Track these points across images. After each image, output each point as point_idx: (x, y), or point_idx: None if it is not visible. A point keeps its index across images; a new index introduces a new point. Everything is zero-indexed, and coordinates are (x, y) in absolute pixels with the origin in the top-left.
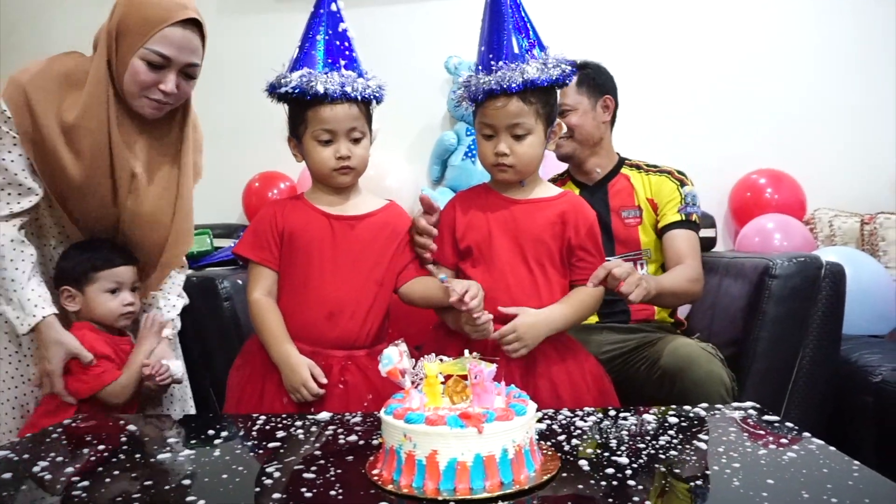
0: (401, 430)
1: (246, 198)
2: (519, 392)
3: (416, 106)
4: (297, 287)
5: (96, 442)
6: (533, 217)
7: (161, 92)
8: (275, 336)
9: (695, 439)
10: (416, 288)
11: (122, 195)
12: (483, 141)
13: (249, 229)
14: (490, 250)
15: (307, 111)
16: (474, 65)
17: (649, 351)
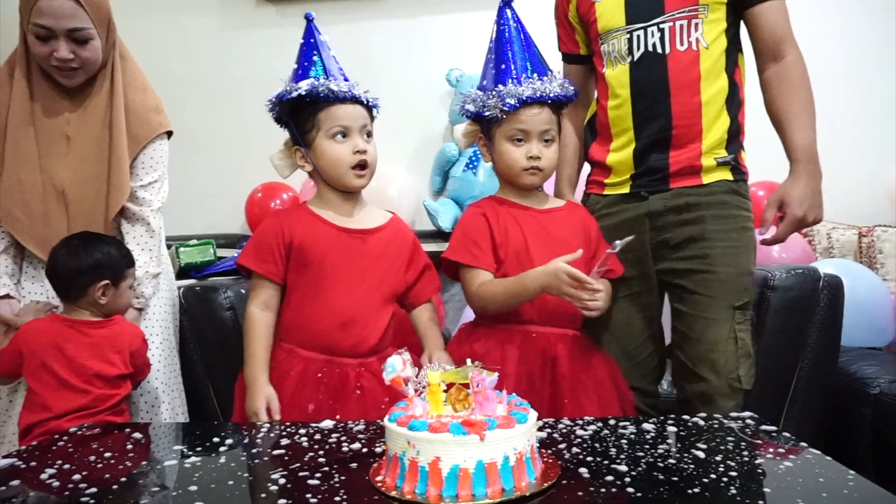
0: (404, 437)
1: (248, 208)
2: (520, 400)
3: (418, 117)
4: (308, 298)
5: (103, 449)
6: (560, 225)
7: (58, 59)
8: (255, 355)
9: (693, 448)
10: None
11: (53, 158)
12: (512, 147)
13: (253, 241)
14: (529, 259)
15: (319, 113)
16: (491, 78)
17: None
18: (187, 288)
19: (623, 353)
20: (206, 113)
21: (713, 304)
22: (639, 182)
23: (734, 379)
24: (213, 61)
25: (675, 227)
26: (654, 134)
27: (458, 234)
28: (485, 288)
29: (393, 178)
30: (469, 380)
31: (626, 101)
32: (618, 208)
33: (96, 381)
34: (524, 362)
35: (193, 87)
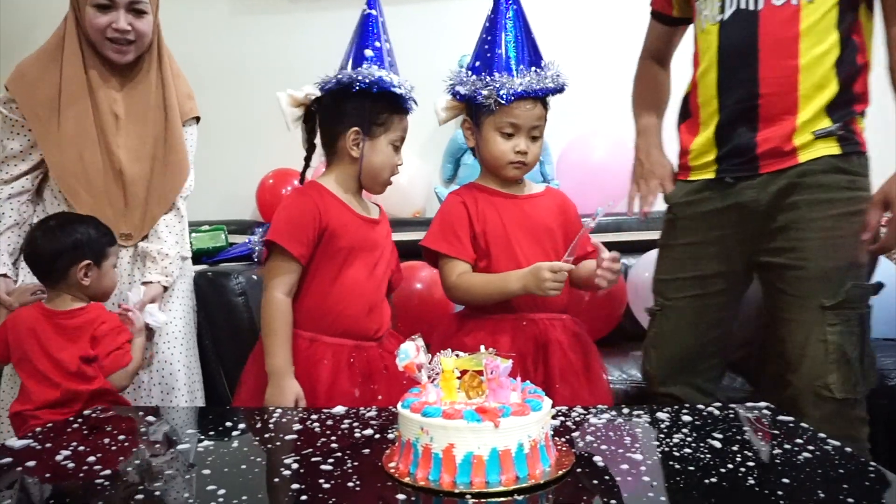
0: (418, 423)
1: (260, 195)
2: (534, 388)
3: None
4: (336, 284)
5: (117, 432)
6: (539, 210)
7: (115, 31)
8: (282, 346)
9: (709, 437)
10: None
11: (109, 137)
12: (500, 139)
13: (286, 219)
14: (509, 245)
15: (394, 115)
16: (485, 63)
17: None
18: (199, 273)
19: (682, 351)
20: (218, 99)
21: (799, 305)
22: (724, 165)
23: (821, 386)
24: (225, 47)
25: (766, 217)
26: (738, 105)
27: (438, 223)
28: (463, 280)
29: (405, 165)
30: (483, 367)
31: (712, 65)
32: (701, 196)
33: (68, 375)
34: (516, 349)
35: (206, 72)
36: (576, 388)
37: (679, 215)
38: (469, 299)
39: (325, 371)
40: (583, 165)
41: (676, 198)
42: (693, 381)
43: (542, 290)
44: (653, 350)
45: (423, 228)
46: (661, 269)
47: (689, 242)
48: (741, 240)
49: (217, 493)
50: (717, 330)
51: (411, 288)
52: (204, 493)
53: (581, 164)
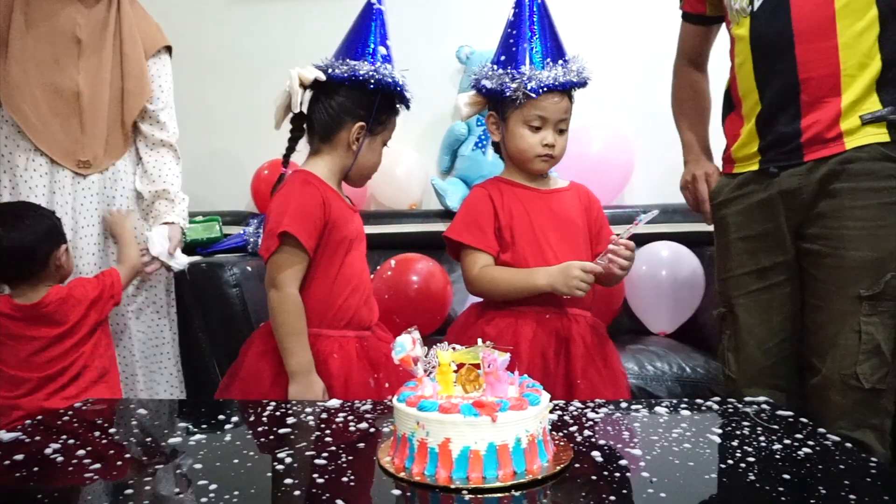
0: (414, 417)
1: (255, 185)
2: (532, 382)
3: (427, 95)
4: (340, 276)
5: (107, 425)
6: (564, 205)
7: None
8: (304, 344)
9: (708, 433)
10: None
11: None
12: (528, 133)
13: (296, 209)
14: (535, 239)
15: (392, 116)
16: (511, 57)
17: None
18: (193, 265)
19: (760, 351)
20: (214, 88)
21: (835, 295)
22: (768, 156)
23: (849, 375)
24: (221, 36)
25: (810, 205)
26: (779, 93)
27: (462, 214)
28: (486, 273)
29: (401, 156)
30: (480, 360)
31: (748, 57)
32: (747, 190)
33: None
34: (538, 343)
35: (201, 62)
36: (596, 384)
37: (728, 211)
38: (491, 292)
39: (335, 365)
40: (581, 158)
41: (723, 193)
42: (776, 381)
43: (570, 288)
44: (731, 354)
45: (419, 220)
46: (721, 268)
47: (743, 237)
48: (791, 227)
49: (209, 488)
50: (789, 323)
51: (407, 280)
52: (195, 488)
53: (579, 156)
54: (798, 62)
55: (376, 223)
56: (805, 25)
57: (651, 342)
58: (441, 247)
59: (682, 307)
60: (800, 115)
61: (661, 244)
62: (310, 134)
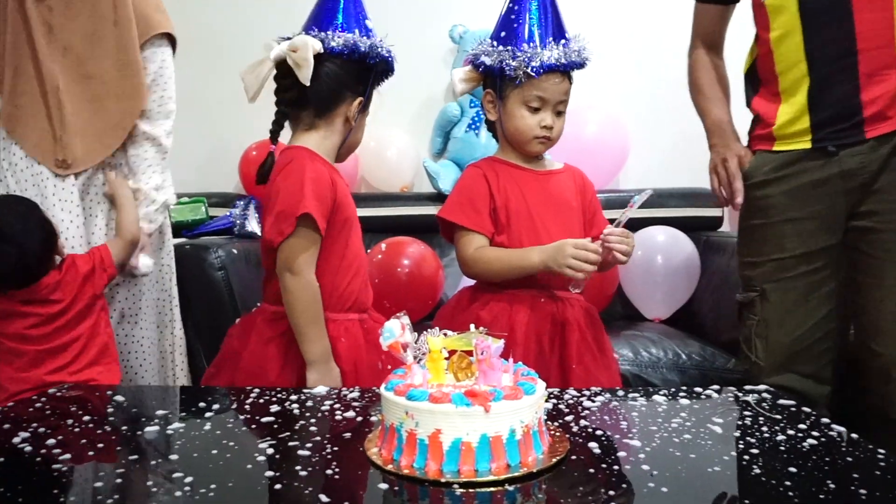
0: (402, 407)
1: (243, 167)
2: (527, 370)
3: (419, 76)
4: (345, 258)
5: (82, 413)
6: (560, 186)
7: None
8: (323, 332)
9: (708, 422)
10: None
11: (41, 49)
12: (527, 114)
13: (310, 188)
14: (531, 220)
15: (377, 85)
16: (512, 33)
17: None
18: (177, 246)
19: (791, 338)
20: (200, 67)
21: (887, 268)
22: (822, 133)
23: None
24: (209, 13)
25: (871, 184)
26: (834, 65)
27: (456, 195)
28: (481, 254)
29: (392, 138)
30: (473, 347)
31: (795, 27)
32: (796, 168)
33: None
34: (534, 327)
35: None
36: (591, 369)
37: (771, 191)
38: (486, 273)
39: (344, 349)
40: (575, 140)
41: (762, 173)
42: (806, 368)
43: (560, 266)
44: (759, 340)
45: (411, 203)
46: (752, 251)
47: (790, 219)
48: (847, 208)
49: (184, 482)
50: (826, 308)
51: (399, 264)
52: (169, 481)
53: (574, 138)
54: (857, 31)
55: (367, 206)
56: None
57: (646, 328)
58: (433, 230)
59: (678, 293)
60: (859, 88)
61: (657, 229)
62: (301, 108)
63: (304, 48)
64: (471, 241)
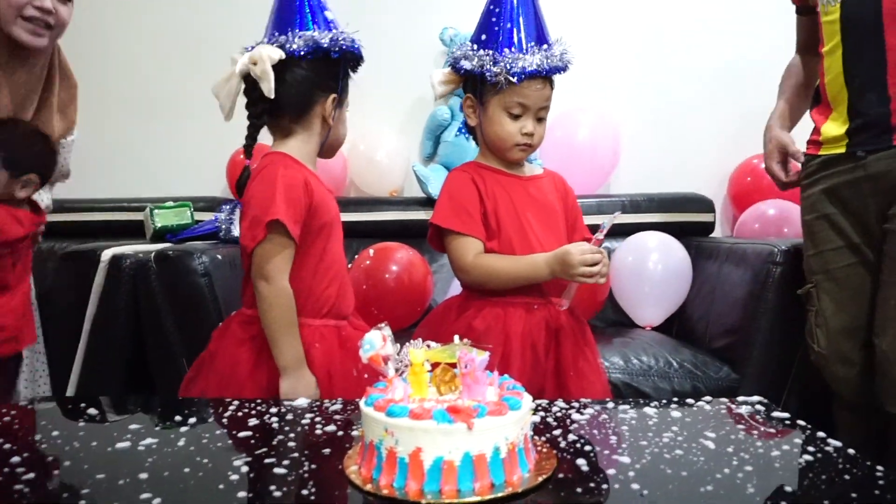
0: (382, 423)
1: (230, 171)
2: (513, 383)
3: (409, 79)
4: (321, 263)
5: (51, 427)
6: (543, 191)
7: (37, 9)
8: (295, 339)
9: (701, 437)
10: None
11: None
12: (508, 120)
13: (282, 194)
14: (521, 225)
15: (348, 80)
16: (493, 37)
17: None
18: (159, 252)
19: (852, 320)
20: (186, 69)
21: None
22: (856, 139)
23: None
24: (195, 16)
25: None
26: (866, 77)
27: (447, 200)
28: (483, 261)
29: (382, 141)
30: (456, 359)
31: (838, 43)
32: (832, 170)
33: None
34: (529, 335)
35: (173, 42)
36: (587, 373)
37: (814, 190)
38: (489, 282)
39: (318, 355)
40: (567, 143)
41: (808, 173)
42: (865, 359)
43: (572, 276)
44: (818, 330)
45: (400, 208)
46: (808, 245)
47: (827, 214)
48: (878, 209)
49: (151, 503)
50: (872, 303)
51: (387, 270)
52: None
53: (565, 141)
54: (887, 46)
55: (356, 210)
56: (895, 9)
57: (637, 335)
58: (423, 235)
59: (669, 299)
60: (888, 98)
61: (648, 234)
62: (276, 116)
63: (262, 61)
64: (467, 246)
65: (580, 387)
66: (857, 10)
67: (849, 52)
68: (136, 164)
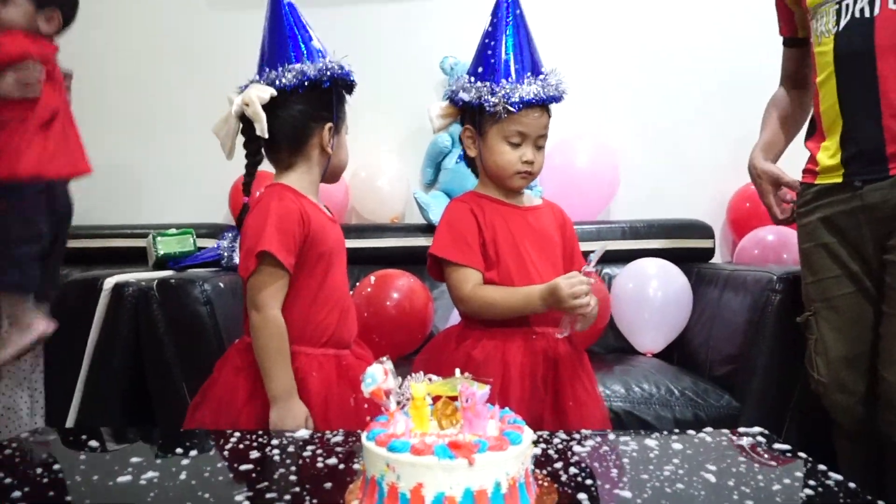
0: (383, 459)
1: (233, 197)
2: (514, 417)
3: (410, 106)
4: (320, 292)
5: (51, 461)
6: (542, 222)
7: None
8: (287, 368)
9: (702, 470)
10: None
11: None
12: (508, 149)
13: (275, 227)
14: (520, 256)
15: (344, 106)
16: (490, 69)
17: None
18: (161, 280)
19: (851, 349)
20: (191, 95)
21: None
22: (851, 169)
23: None
24: (200, 42)
25: (894, 219)
26: (861, 106)
27: (446, 230)
28: (481, 292)
29: (383, 168)
30: (457, 392)
31: (831, 74)
32: (829, 199)
33: None
34: (528, 366)
35: (180, 68)
36: (586, 402)
37: (812, 218)
38: (487, 313)
39: (314, 384)
40: (566, 171)
41: (805, 202)
42: (866, 388)
43: (566, 308)
44: (819, 359)
45: (401, 234)
46: (807, 274)
47: (826, 243)
48: (874, 239)
49: None
50: (873, 333)
51: (388, 297)
52: None
53: (564, 169)
54: (880, 76)
55: (357, 237)
56: (888, 42)
57: (638, 362)
58: (424, 261)
59: (670, 326)
60: (882, 129)
61: (648, 261)
62: (274, 151)
63: (252, 103)
64: (466, 277)
65: (579, 416)
66: (850, 41)
67: (842, 83)
68: (138, 190)
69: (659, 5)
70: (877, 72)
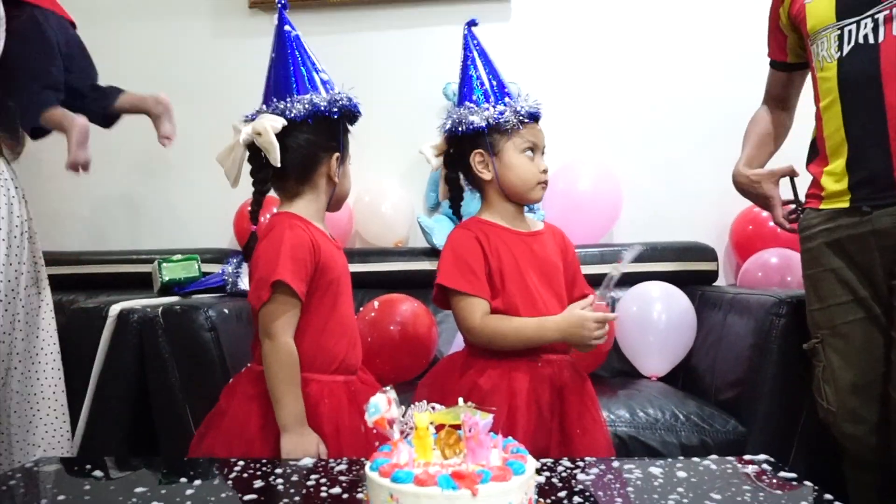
0: (387, 489)
1: (238, 222)
2: (517, 447)
3: (413, 131)
4: (330, 319)
5: (56, 491)
6: (544, 247)
7: None
8: (296, 397)
9: (707, 498)
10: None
11: None
12: (527, 161)
13: (287, 255)
14: (525, 283)
15: (347, 132)
16: (490, 91)
17: None
18: (166, 307)
19: (860, 376)
20: (195, 121)
21: None
22: (859, 194)
23: None
24: (204, 69)
25: None
26: (867, 132)
27: (452, 259)
28: (491, 323)
29: (387, 193)
30: (461, 421)
31: (835, 99)
32: (836, 224)
33: None
34: (533, 392)
35: (185, 94)
36: (592, 430)
37: (818, 243)
38: (497, 343)
39: (326, 411)
40: (568, 194)
41: (810, 227)
42: (871, 416)
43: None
44: (826, 385)
45: (405, 259)
46: (812, 300)
47: (833, 268)
48: (884, 264)
49: None
50: (884, 364)
51: (392, 322)
52: None
53: (567, 193)
54: (886, 102)
55: (361, 261)
56: (894, 68)
57: (643, 386)
58: (427, 286)
59: (674, 349)
60: (890, 153)
61: (651, 284)
62: (282, 180)
63: (266, 132)
64: (474, 307)
65: (585, 444)
66: (855, 67)
67: (848, 108)
68: (143, 216)
69: (663, 33)
70: (883, 98)
